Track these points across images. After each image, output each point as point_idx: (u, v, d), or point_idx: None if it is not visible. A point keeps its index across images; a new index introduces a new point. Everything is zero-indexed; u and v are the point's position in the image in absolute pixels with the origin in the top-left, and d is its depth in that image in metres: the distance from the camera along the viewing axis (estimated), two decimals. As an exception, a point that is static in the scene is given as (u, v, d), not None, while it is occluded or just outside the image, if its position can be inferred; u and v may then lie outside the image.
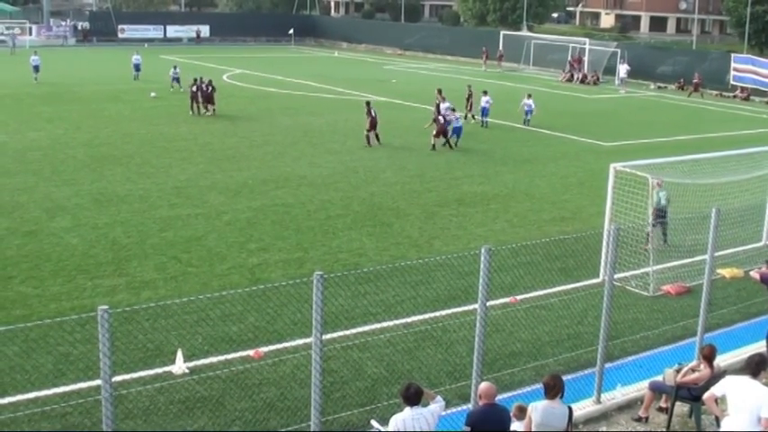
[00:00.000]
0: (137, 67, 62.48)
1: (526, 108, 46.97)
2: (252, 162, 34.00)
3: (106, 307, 9.72)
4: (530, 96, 47.45)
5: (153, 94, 51.75)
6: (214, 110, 45.77)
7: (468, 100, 47.75)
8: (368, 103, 38.60)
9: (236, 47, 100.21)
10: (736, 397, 11.46)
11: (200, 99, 46.15)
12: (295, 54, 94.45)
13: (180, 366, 15.00)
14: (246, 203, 27.34)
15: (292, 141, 37.48)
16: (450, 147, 37.98)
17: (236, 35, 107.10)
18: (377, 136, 37.84)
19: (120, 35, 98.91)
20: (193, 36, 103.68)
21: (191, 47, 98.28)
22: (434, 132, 37.91)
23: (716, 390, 11.82)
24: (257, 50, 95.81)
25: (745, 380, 11.61)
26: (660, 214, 23.55)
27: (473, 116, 46.84)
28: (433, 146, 37.54)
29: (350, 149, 36.96)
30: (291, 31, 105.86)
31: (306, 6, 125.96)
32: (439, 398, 11.30)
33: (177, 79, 55.31)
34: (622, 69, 75.25)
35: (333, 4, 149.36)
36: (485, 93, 46.21)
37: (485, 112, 45.43)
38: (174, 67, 56.84)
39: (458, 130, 38.75)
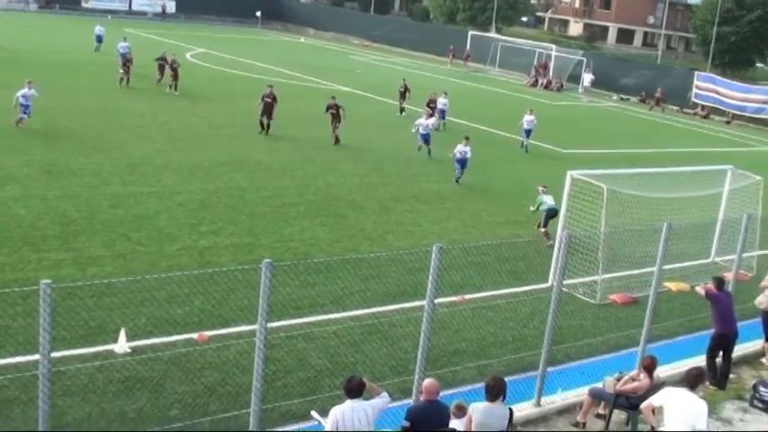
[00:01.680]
0: (99, 39, 61.40)
1: (526, 126, 41.24)
2: (209, 143, 33.73)
3: (49, 281, 9.60)
4: (531, 112, 42.20)
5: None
6: (176, 85, 45.31)
7: (402, 94, 47.48)
8: (270, 86, 37.81)
9: (202, 25, 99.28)
10: (674, 408, 11.60)
11: (162, 74, 45.83)
12: (260, 37, 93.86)
13: (122, 346, 14.84)
14: (201, 185, 27.13)
15: (251, 125, 37.17)
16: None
17: (201, 13, 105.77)
18: (266, 124, 36.89)
19: (83, 4, 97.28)
20: (159, 11, 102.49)
21: (155, 22, 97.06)
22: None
23: (654, 400, 11.97)
24: (222, 31, 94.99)
25: (683, 392, 11.77)
26: (551, 214, 24.61)
27: (401, 110, 46.85)
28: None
29: (309, 138, 36.76)
30: (259, 14, 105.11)
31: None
32: (384, 393, 11.30)
33: (125, 57, 49.82)
34: (587, 78, 75.88)
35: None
36: (444, 94, 45.73)
37: (442, 114, 44.41)
38: (124, 39, 53.00)
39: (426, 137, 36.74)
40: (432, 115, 38.92)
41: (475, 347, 17.04)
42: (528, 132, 41.03)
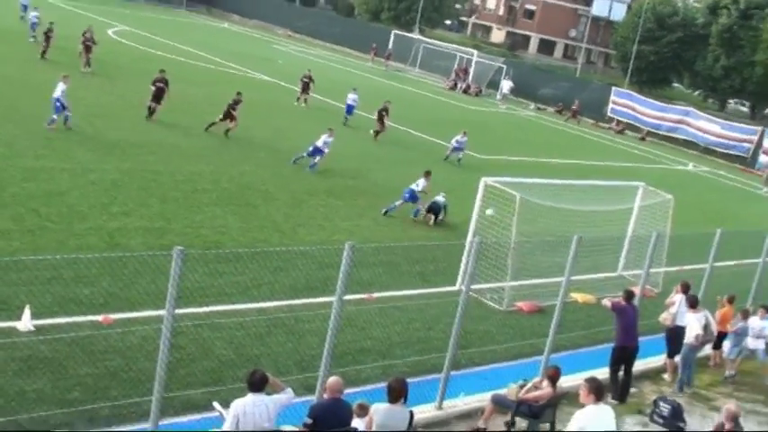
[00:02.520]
0: (24, 8, 59.74)
1: (455, 145, 40.38)
2: (126, 123, 33.20)
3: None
4: (465, 134, 40.81)
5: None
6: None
7: (305, 85, 47.33)
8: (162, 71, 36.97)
9: (126, 2, 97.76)
10: (592, 424, 11.62)
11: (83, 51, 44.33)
12: (184, 19, 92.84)
13: (26, 324, 14.58)
14: (115, 164, 26.73)
15: (169, 108, 36.68)
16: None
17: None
18: (153, 108, 35.57)
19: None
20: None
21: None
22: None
23: (572, 427, 11.85)
24: (146, 9, 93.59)
25: (592, 408, 11.76)
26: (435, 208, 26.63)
27: (304, 100, 46.82)
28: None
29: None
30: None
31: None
32: (289, 389, 11.30)
33: (34, 26, 50.16)
34: (506, 85, 76.76)
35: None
36: (354, 90, 45.43)
37: (349, 109, 44.31)
38: (35, 9, 52.00)
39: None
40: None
41: (380, 347, 17.14)
42: (456, 150, 40.28)
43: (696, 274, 22.37)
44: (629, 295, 17.75)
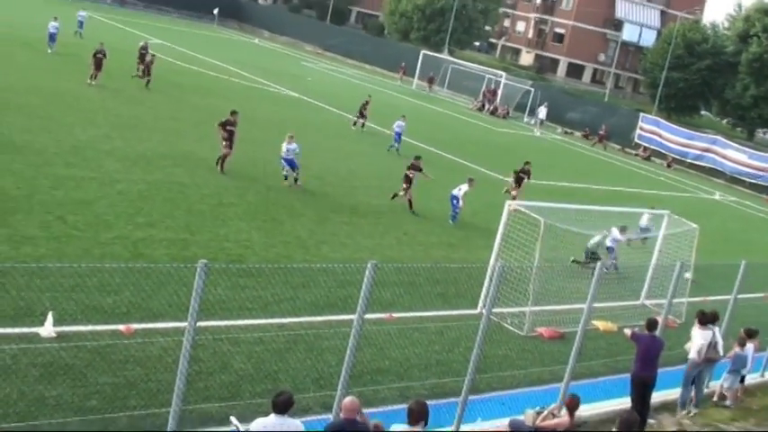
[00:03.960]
0: (80, 24, 61.00)
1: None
2: (154, 134, 33.51)
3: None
4: (404, 117, 42.92)
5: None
6: (148, 79, 44.64)
7: (363, 108, 47.04)
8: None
9: (159, 16, 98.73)
10: None
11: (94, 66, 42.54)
12: (216, 34, 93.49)
13: (49, 330, 14.69)
14: (142, 175, 26.95)
15: (198, 121, 37.00)
16: None
17: (160, 4, 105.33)
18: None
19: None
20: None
21: (113, 7, 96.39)
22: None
23: None
24: (179, 24, 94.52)
25: None
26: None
27: (362, 125, 46.80)
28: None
29: (254, 139, 36.27)
30: (216, 11, 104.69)
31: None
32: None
33: (53, 36, 50.38)
34: (542, 112, 76.63)
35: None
36: (403, 117, 43.98)
37: (398, 137, 42.86)
38: (54, 18, 51.38)
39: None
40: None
41: (399, 368, 17.09)
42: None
43: (720, 305, 22.14)
44: (651, 325, 17.39)
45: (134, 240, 20.84)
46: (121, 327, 15.67)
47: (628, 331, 17.53)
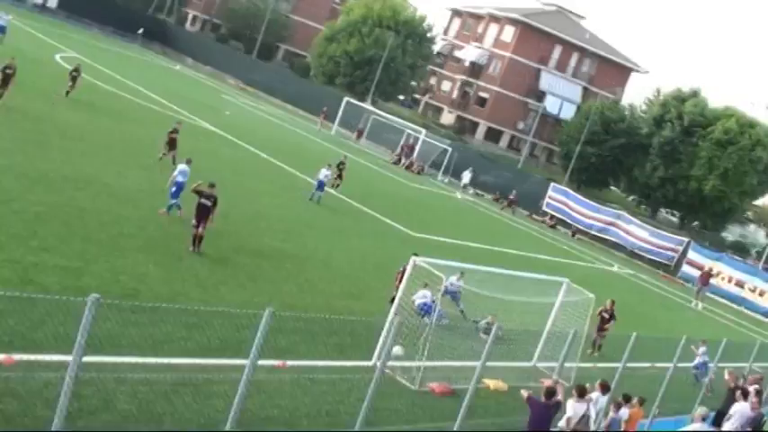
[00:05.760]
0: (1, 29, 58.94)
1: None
2: (58, 154, 32.50)
3: None
4: (329, 166, 43.26)
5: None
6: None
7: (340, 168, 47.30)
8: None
9: (80, 29, 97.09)
10: None
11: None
12: (137, 55, 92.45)
13: None
14: (41, 196, 26.01)
15: (107, 145, 36.21)
16: None
17: (83, 16, 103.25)
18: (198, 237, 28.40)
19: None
20: (39, 1, 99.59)
21: (33, 13, 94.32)
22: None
23: None
24: (100, 40, 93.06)
25: None
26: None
27: (337, 186, 46.69)
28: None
29: (163, 169, 34.92)
30: (141, 32, 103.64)
31: (163, 10, 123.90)
32: None
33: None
34: (466, 176, 77.86)
35: (190, 16, 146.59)
36: (328, 166, 43.36)
37: (321, 186, 41.77)
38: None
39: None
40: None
41: (287, 416, 16.77)
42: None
43: (608, 373, 22.34)
44: (549, 393, 17.50)
45: (25, 265, 19.92)
46: (1, 356, 14.97)
47: (525, 393, 17.64)
